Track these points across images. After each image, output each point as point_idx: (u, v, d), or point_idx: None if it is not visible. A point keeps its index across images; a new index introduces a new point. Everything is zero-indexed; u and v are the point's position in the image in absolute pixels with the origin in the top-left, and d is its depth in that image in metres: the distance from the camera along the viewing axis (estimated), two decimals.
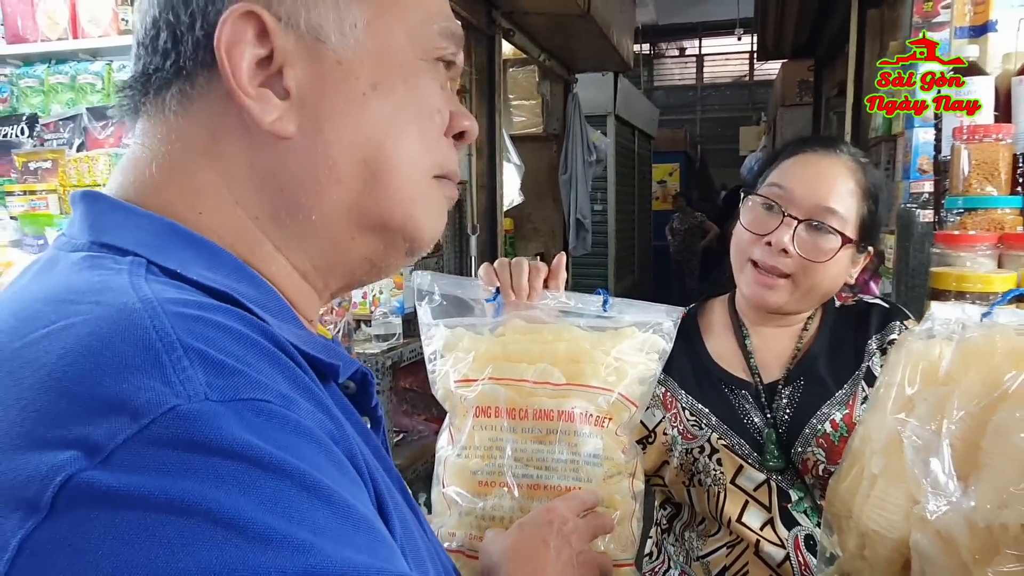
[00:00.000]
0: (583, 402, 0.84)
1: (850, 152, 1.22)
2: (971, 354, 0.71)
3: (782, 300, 1.19)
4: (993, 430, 0.65)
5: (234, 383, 0.40)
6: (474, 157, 3.79)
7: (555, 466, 0.81)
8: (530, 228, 5.69)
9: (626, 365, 0.87)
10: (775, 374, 1.24)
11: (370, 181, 0.53)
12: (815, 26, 5.00)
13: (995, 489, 0.63)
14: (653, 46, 14.49)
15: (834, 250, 1.14)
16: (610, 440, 0.83)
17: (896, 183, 3.03)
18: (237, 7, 0.49)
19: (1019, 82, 1.52)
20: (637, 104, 8.31)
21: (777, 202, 1.17)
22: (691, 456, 1.21)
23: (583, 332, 0.90)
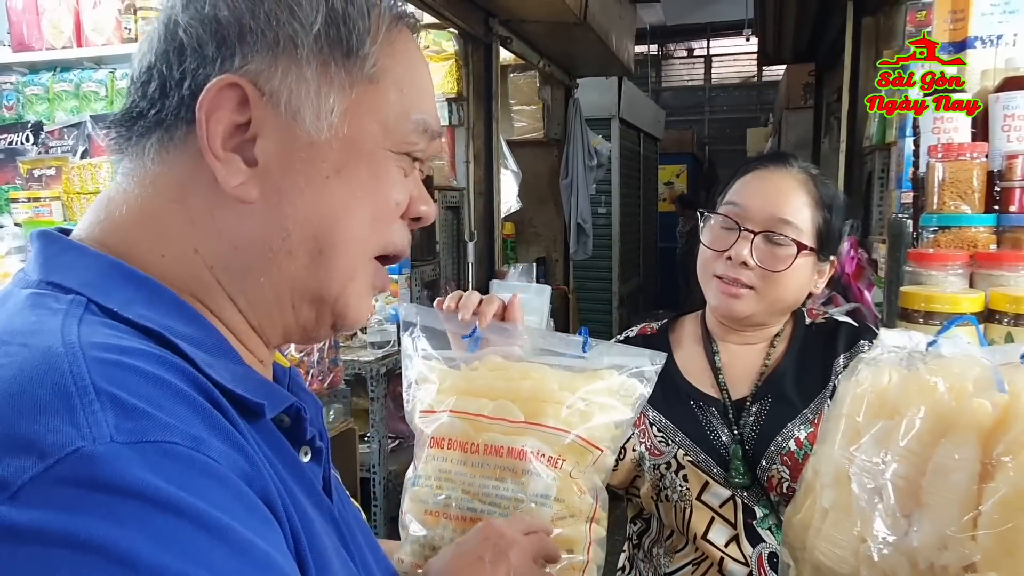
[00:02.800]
0: (537, 441, 0.85)
1: (800, 166, 1.27)
2: (914, 387, 0.72)
3: (749, 310, 1.22)
4: (933, 469, 0.65)
5: (142, 426, 0.42)
6: (471, 164, 3.82)
7: (499, 502, 0.83)
8: (531, 233, 5.71)
9: (594, 407, 0.86)
10: (743, 391, 1.27)
11: (316, 256, 0.57)
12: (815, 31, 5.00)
13: (935, 530, 0.63)
14: (661, 47, 14.45)
15: (791, 258, 1.19)
16: (564, 481, 0.83)
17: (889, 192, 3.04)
18: (225, 77, 0.53)
19: (995, 99, 1.53)
20: (642, 106, 8.30)
21: (734, 219, 1.21)
22: (658, 472, 1.24)
23: (554, 371, 0.90)
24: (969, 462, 0.63)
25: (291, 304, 0.58)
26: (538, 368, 0.93)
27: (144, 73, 0.56)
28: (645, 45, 12.86)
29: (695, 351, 1.33)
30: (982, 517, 0.60)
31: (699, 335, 1.34)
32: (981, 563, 0.60)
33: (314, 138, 0.56)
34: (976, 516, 0.61)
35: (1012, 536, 0.59)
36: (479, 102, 3.89)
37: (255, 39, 0.54)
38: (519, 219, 5.48)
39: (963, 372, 0.68)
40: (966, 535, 0.60)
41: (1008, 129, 1.50)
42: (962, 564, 0.60)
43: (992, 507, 0.60)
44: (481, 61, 3.88)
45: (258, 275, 0.57)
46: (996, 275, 1.30)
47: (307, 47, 0.55)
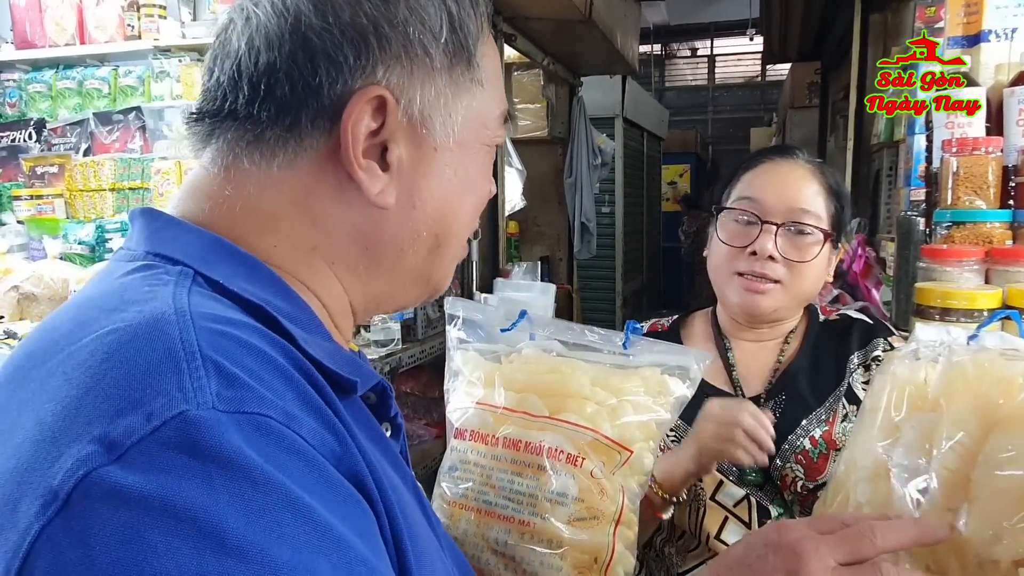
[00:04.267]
0: (558, 437, 0.82)
1: (805, 157, 1.26)
2: (959, 380, 0.70)
3: (775, 305, 1.21)
4: (983, 462, 0.64)
5: (241, 396, 0.43)
6: None
7: (515, 497, 0.81)
8: (535, 231, 5.69)
9: (626, 406, 0.83)
10: (757, 388, 1.25)
11: (434, 249, 0.62)
12: (821, 29, 4.98)
13: (986, 524, 0.62)
14: (664, 47, 14.41)
15: (817, 246, 1.19)
16: (585, 481, 0.80)
17: (897, 190, 3.02)
18: (372, 89, 0.55)
19: (1011, 93, 1.51)
20: (646, 106, 8.29)
21: (753, 212, 1.19)
22: None
23: (588, 367, 0.87)
24: (1022, 454, 0.62)
25: (404, 288, 0.63)
26: (570, 363, 0.89)
27: (263, 72, 0.55)
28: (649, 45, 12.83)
29: (707, 348, 1.31)
30: None
31: (710, 333, 1.32)
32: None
33: (439, 143, 0.59)
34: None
35: None
36: None
37: (393, 48, 0.56)
38: (523, 218, 5.45)
39: (1009, 364, 0.67)
40: (1021, 527, 0.59)
41: (1023, 123, 1.49)
42: (1015, 557, 0.59)
43: None
44: None
45: (384, 271, 0.61)
46: (1013, 271, 1.28)
47: (438, 57, 0.58)
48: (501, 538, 0.82)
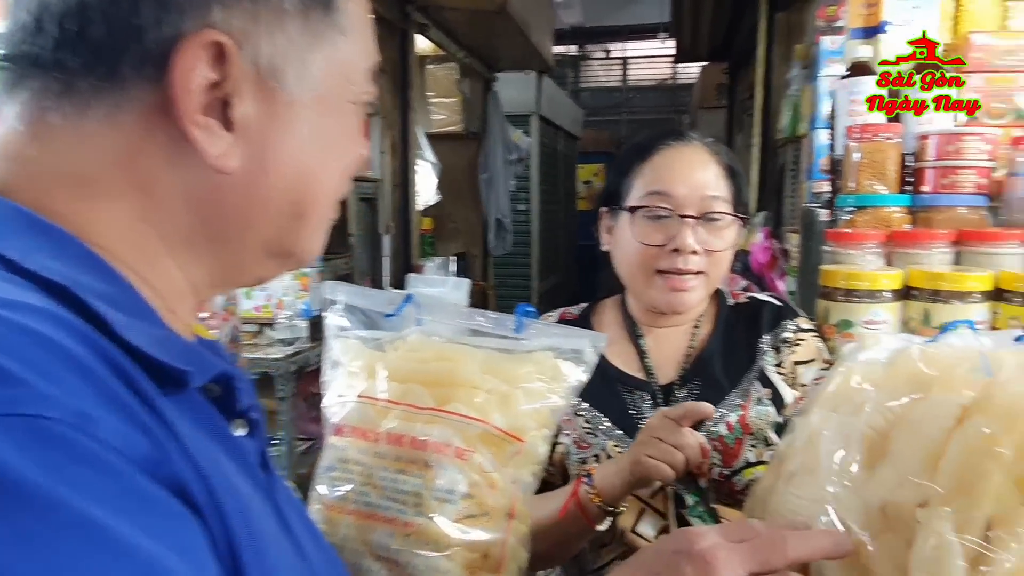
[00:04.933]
0: (445, 429, 0.76)
1: (698, 137, 1.23)
2: (901, 360, 0.72)
3: (699, 298, 1.19)
4: (902, 421, 0.66)
5: (14, 395, 0.36)
6: (388, 155, 3.69)
7: (399, 496, 0.73)
8: (451, 228, 5.61)
9: (518, 393, 0.78)
10: (670, 375, 1.22)
11: (294, 218, 0.55)
12: (729, 29, 5.10)
13: (896, 473, 0.63)
14: (580, 48, 14.59)
15: (732, 233, 1.17)
16: (474, 475, 0.74)
17: (800, 183, 3.10)
18: (206, 33, 0.47)
19: None
20: (561, 104, 8.34)
21: (667, 206, 1.15)
22: (585, 467, 1.17)
23: (477, 353, 0.81)
24: (945, 419, 0.62)
25: (257, 261, 0.56)
26: (458, 349, 0.83)
27: (75, 10, 0.46)
28: (564, 45, 12.95)
29: (619, 335, 1.27)
30: (943, 461, 0.61)
31: (621, 320, 1.29)
32: (934, 500, 0.59)
33: (294, 98, 0.51)
34: (938, 462, 0.61)
35: (969, 477, 0.59)
36: (395, 90, 3.76)
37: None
38: (438, 214, 5.37)
39: (954, 360, 0.68)
40: (926, 476, 0.61)
41: None
42: (916, 502, 0.60)
43: (955, 448, 0.60)
44: (396, 48, 3.76)
45: (230, 244, 0.53)
46: (912, 253, 1.30)
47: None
48: (384, 542, 0.75)
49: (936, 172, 1.40)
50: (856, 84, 1.55)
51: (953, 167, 1.37)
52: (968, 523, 0.58)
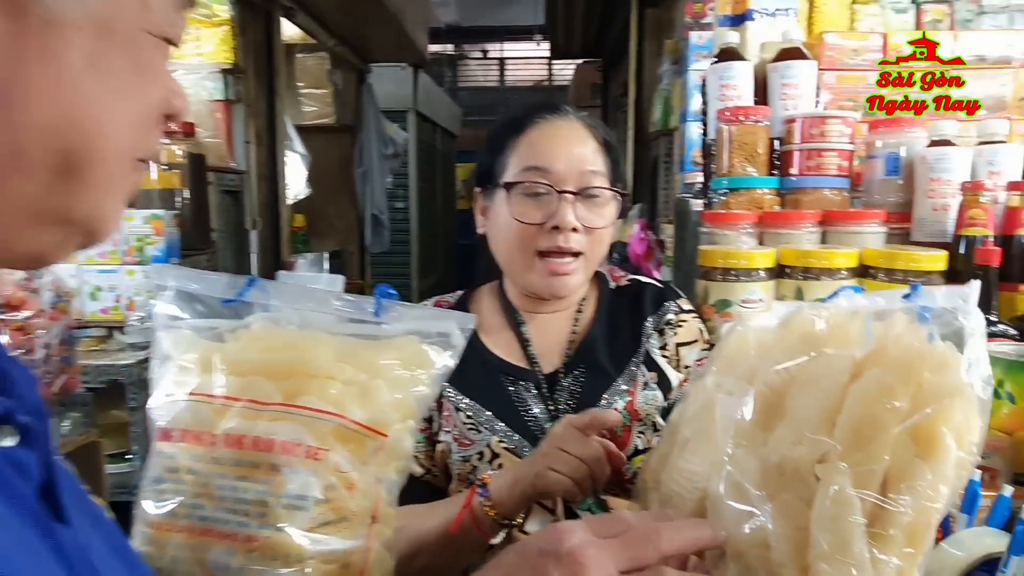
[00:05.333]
0: (294, 427, 0.66)
1: (573, 111, 1.18)
2: (794, 321, 0.70)
3: (579, 282, 1.13)
4: (801, 380, 0.64)
5: None
6: (253, 145, 3.46)
7: (240, 507, 0.63)
8: (325, 225, 5.38)
9: (379, 384, 0.70)
10: (554, 362, 1.16)
11: (63, 173, 0.43)
12: (601, 27, 5.18)
13: (793, 431, 0.62)
14: (457, 47, 14.56)
15: (611, 209, 1.12)
16: (329, 477, 0.65)
17: (673, 175, 3.16)
18: None
19: (774, 69, 1.57)
20: (439, 101, 8.24)
21: (545, 182, 1.09)
22: (468, 464, 1.09)
23: (333, 339, 0.73)
24: (840, 371, 0.61)
25: (19, 232, 0.44)
26: (310, 336, 0.74)
27: None
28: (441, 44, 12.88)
29: (499, 323, 1.20)
30: (840, 416, 0.59)
31: (500, 307, 1.22)
32: (832, 456, 0.58)
33: (54, 17, 0.41)
34: (835, 417, 0.60)
35: (866, 431, 0.58)
36: (260, 76, 3.53)
37: None
38: (311, 210, 5.14)
39: (845, 319, 0.68)
40: (824, 432, 0.59)
41: (785, 97, 1.55)
42: (814, 458, 0.59)
43: (852, 403, 0.59)
44: (261, 31, 3.54)
45: None
46: (783, 233, 1.32)
47: None
48: (222, 561, 0.64)
49: (802, 155, 1.43)
50: (726, 69, 1.56)
51: (818, 149, 1.40)
52: (866, 477, 0.56)
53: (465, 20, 12.44)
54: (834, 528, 0.56)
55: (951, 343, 0.64)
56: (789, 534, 0.58)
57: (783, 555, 0.59)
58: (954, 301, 0.67)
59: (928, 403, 0.58)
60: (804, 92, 1.54)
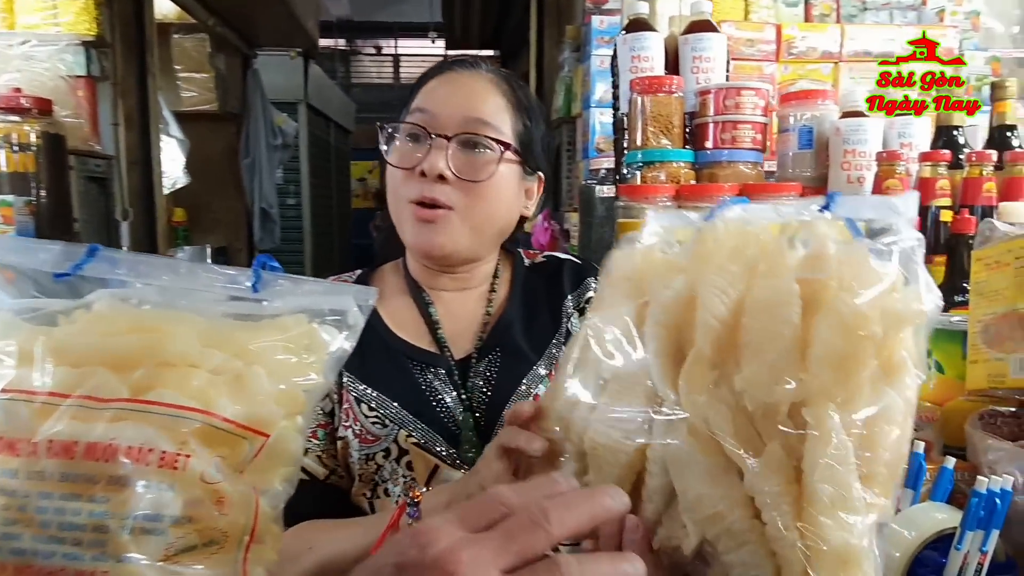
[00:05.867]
0: (143, 428, 0.52)
1: (491, 68, 1.10)
2: (710, 239, 0.61)
3: (452, 239, 1.00)
4: (752, 306, 0.57)
5: None
6: (122, 128, 3.14)
7: (70, 534, 0.48)
8: (210, 219, 5.04)
9: (257, 372, 0.58)
10: (466, 347, 1.05)
11: None
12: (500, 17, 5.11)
13: (762, 368, 0.55)
14: (349, 42, 14.20)
15: (494, 163, 1.00)
16: (193, 490, 0.51)
17: (577, 163, 3.11)
18: None
19: (684, 41, 1.52)
20: (331, 95, 7.95)
21: (423, 126, 0.99)
22: (373, 463, 0.97)
23: (199, 320, 0.59)
24: (791, 294, 0.55)
25: None
26: (168, 316, 0.60)
27: None
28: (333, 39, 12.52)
29: (404, 303, 1.09)
30: (813, 348, 0.54)
31: (404, 286, 1.10)
32: (819, 396, 0.52)
33: None
34: (805, 348, 0.54)
35: (847, 364, 0.53)
36: (129, 51, 3.21)
37: None
38: (194, 204, 4.80)
39: (749, 227, 0.60)
40: (798, 368, 0.53)
41: (697, 70, 1.50)
42: (795, 399, 0.53)
43: (826, 335, 0.53)
44: (129, 1, 3.22)
45: None
46: (701, 207, 1.25)
47: None
48: None
49: (716, 127, 1.38)
50: (637, 39, 1.50)
51: (732, 122, 1.36)
52: (851, 415, 0.52)
53: (357, 15, 12.14)
54: (834, 479, 0.51)
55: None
56: (784, 490, 0.52)
57: (786, 518, 0.51)
58: (883, 213, 0.60)
59: (895, 327, 0.54)
60: (716, 65, 1.49)
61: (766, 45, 2.57)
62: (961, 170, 1.28)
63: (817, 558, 0.51)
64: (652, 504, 0.59)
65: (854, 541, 0.51)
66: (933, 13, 3.11)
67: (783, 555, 0.52)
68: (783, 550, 0.52)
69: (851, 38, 2.65)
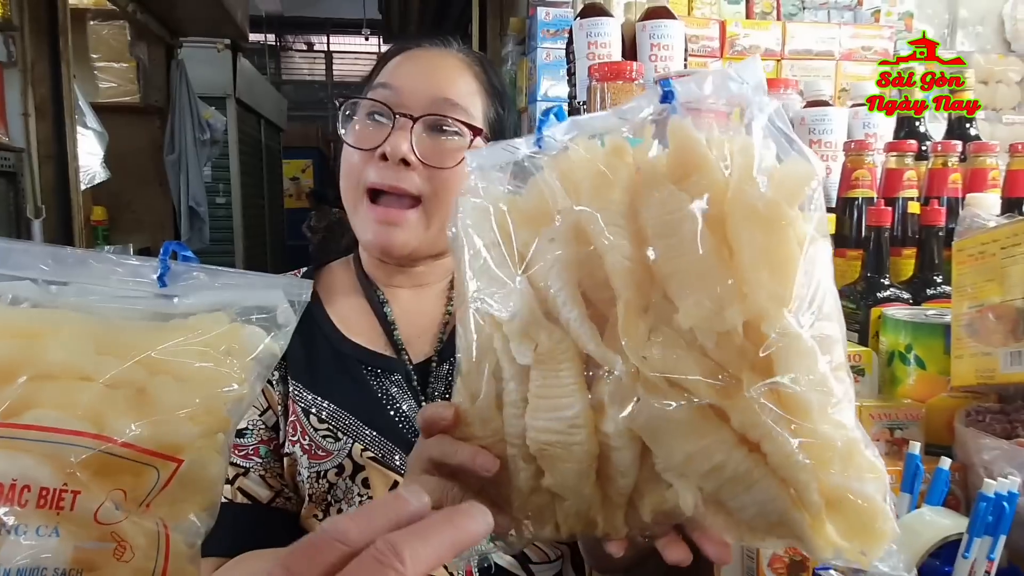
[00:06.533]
0: (21, 458, 0.42)
1: (463, 48, 1.01)
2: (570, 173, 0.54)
3: (413, 238, 0.91)
4: (655, 234, 0.51)
5: None
6: (32, 118, 2.91)
7: None
8: (131, 218, 4.76)
9: (166, 383, 0.48)
10: (425, 350, 0.95)
11: None
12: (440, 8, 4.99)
13: (702, 295, 0.49)
14: (279, 37, 13.83)
15: (463, 148, 0.90)
16: (84, 534, 0.41)
17: None
18: None
19: (642, 28, 1.47)
20: (262, 90, 7.68)
21: (386, 104, 0.89)
22: (324, 481, 0.86)
23: (90, 321, 0.49)
24: (684, 204, 0.49)
25: None
26: (50, 316, 0.49)
27: None
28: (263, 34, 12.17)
29: (356, 304, 0.98)
30: (741, 255, 0.49)
31: (356, 284, 0.99)
32: (766, 304, 0.48)
33: None
34: (730, 257, 0.50)
35: (781, 260, 0.49)
36: (40, 35, 2.97)
37: None
38: (114, 203, 4.52)
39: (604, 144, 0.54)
40: (736, 284, 0.48)
41: (656, 58, 1.44)
42: (747, 316, 0.49)
43: (748, 238, 0.49)
44: None
45: None
46: None
47: None
48: None
49: None
50: (595, 24, 1.43)
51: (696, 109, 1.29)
52: (805, 312, 0.49)
53: (288, 10, 11.82)
54: (816, 383, 0.48)
55: None
56: (776, 415, 0.48)
57: (788, 441, 0.48)
58: (727, 87, 0.55)
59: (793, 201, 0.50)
60: (675, 53, 1.43)
61: (710, 42, 2.54)
62: (925, 161, 1.24)
63: (826, 465, 0.49)
64: (627, 479, 0.52)
65: (852, 434, 0.50)
66: (868, 14, 3.16)
67: (794, 477, 0.48)
68: (794, 472, 0.48)
69: (792, 36, 2.66)
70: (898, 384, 0.98)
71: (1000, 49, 3.31)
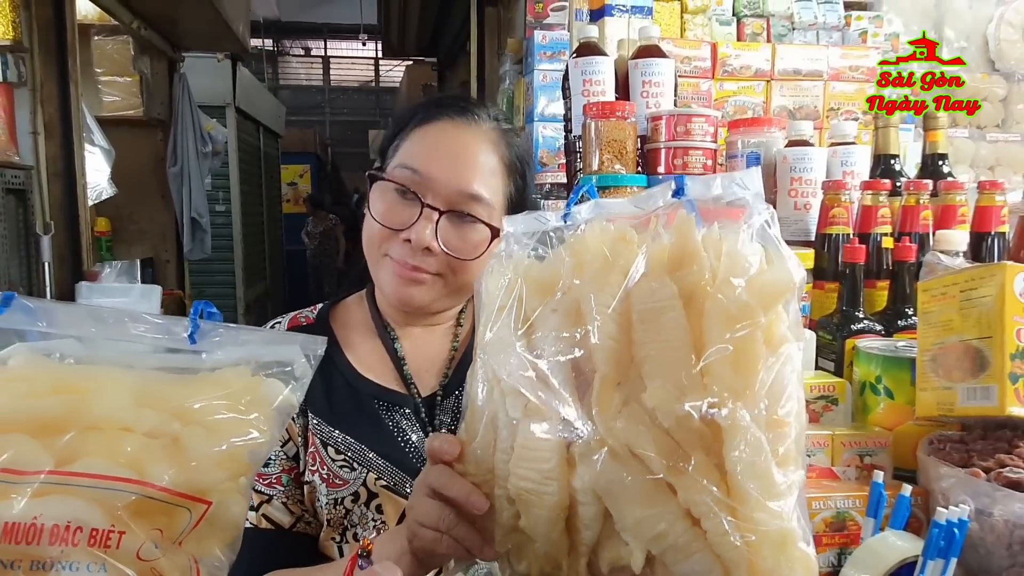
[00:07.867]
0: (69, 503, 0.48)
1: (491, 117, 1.03)
2: (573, 256, 0.63)
3: (430, 298, 0.98)
4: (639, 319, 0.58)
5: None
6: (42, 136, 2.97)
7: None
8: (134, 230, 4.82)
9: (196, 433, 0.53)
10: (432, 384, 1.03)
11: None
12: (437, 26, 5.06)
13: (667, 380, 0.56)
14: (276, 43, 13.89)
15: (484, 243, 0.96)
16: (127, 571, 0.47)
17: None
18: None
19: (634, 66, 1.52)
20: (260, 98, 7.73)
21: (413, 189, 0.94)
22: (341, 507, 0.94)
23: (130, 376, 0.55)
24: (672, 298, 0.56)
25: None
26: (94, 372, 0.55)
27: None
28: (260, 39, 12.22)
29: (368, 341, 1.05)
30: (708, 350, 0.55)
31: (370, 322, 1.06)
32: (722, 396, 0.54)
33: None
34: (700, 350, 0.55)
35: (744, 360, 0.54)
36: (48, 56, 3.04)
37: None
38: (117, 214, 4.58)
39: (620, 224, 0.63)
40: (699, 375, 0.55)
41: (647, 95, 1.50)
42: (704, 402, 0.54)
43: (718, 334, 0.55)
44: (48, 4, 3.05)
45: None
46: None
47: None
48: None
49: (668, 152, 1.38)
50: (589, 64, 1.49)
51: (684, 148, 1.36)
52: (757, 407, 0.54)
53: (285, 15, 11.88)
54: (757, 473, 0.53)
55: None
56: (717, 497, 0.54)
57: (724, 522, 0.53)
58: (731, 190, 0.63)
59: (771, 305, 0.57)
60: (666, 90, 1.50)
61: (702, 62, 2.61)
62: (900, 197, 1.31)
63: (758, 550, 0.53)
64: (590, 531, 0.60)
65: (786, 525, 0.54)
66: (856, 35, 3.23)
67: (727, 556, 0.54)
68: (727, 552, 0.54)
69: (780, 57, 2.72)
70: (869, 412, 1.05)
71: (984, 68, 3.38)
